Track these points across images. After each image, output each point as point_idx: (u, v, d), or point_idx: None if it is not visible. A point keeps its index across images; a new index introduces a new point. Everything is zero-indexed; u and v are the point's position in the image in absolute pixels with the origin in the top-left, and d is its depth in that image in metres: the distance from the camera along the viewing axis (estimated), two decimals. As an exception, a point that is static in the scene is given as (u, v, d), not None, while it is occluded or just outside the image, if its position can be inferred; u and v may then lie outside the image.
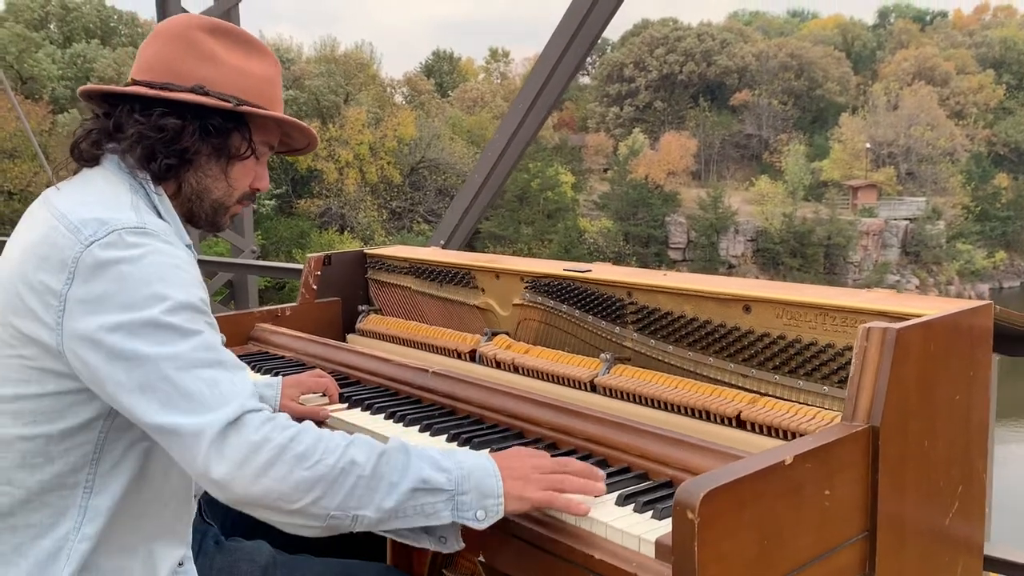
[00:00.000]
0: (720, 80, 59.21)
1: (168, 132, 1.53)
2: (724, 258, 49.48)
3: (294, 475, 1.28)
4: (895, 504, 1.45)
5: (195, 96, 1.56)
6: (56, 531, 1.43)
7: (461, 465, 1.39)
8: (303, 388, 2.05)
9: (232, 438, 1.28)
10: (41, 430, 1.42)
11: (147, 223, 1.43)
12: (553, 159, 50.25)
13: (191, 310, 1.38)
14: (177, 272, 1.40)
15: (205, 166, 1.60)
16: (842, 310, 1.70)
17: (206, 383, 1.32)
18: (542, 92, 3.12)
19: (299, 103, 45.13)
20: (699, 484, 1.16)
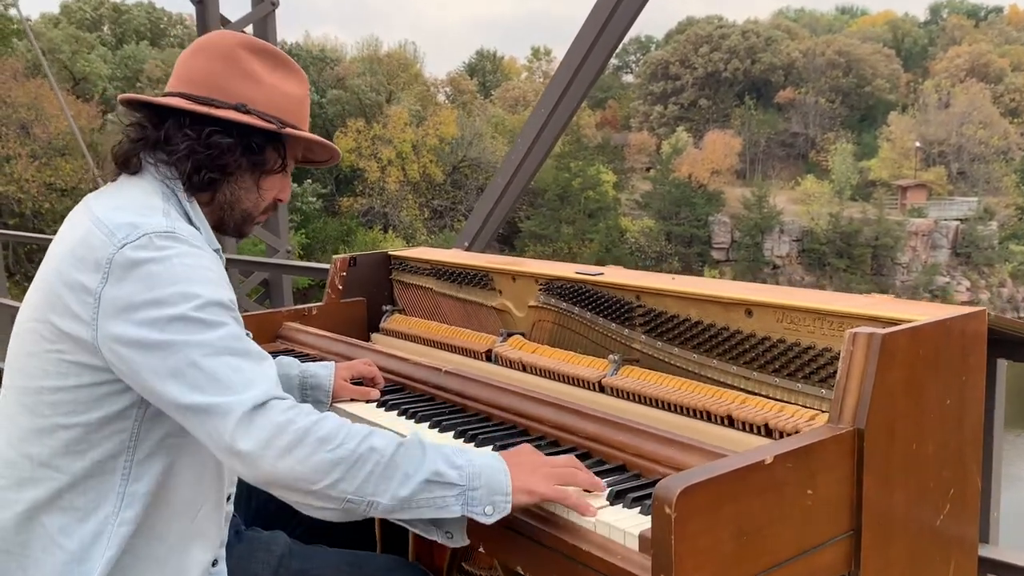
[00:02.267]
0: (765, 78, 58.57)
1: (216, 149, 1.64)
2: (768, 258, 48.94)
3: (316, 456, 1.37)
4: (881, 504, 1.49)
5: (237, 114, 1.66)
6: (98, 514, 1.54)
7: (473, 462, 1.47)
8: (355, 372, 2.19)
9: (259, 418, 1.38)
10: (80, 419, 1.53)
11: (176, 228, 1.53)
12: (595, 158, 50.16)
13: (218, 306, 1.49)
14: (204, 272, 1.51)
15: (240, 179, 1.71)
16: (837, 315, 1.74)
17: (232, 369, 1.43)
18: (565, 95, 3.17)
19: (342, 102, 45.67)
20: (677, 481, 1.22)
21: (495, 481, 1.45)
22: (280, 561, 1.78)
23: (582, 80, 3.16)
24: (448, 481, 1.43)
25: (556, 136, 3.29)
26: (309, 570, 1.79)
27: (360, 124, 43.53)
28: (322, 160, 1.93)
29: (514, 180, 3.38)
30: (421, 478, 1.42)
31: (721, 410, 1.83)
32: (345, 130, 43.37)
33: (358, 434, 1.43)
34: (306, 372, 2.13)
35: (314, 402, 2.09)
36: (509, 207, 3.49)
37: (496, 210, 3.44)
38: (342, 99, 46.07)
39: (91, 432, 1.53)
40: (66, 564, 1.52)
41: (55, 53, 36.43)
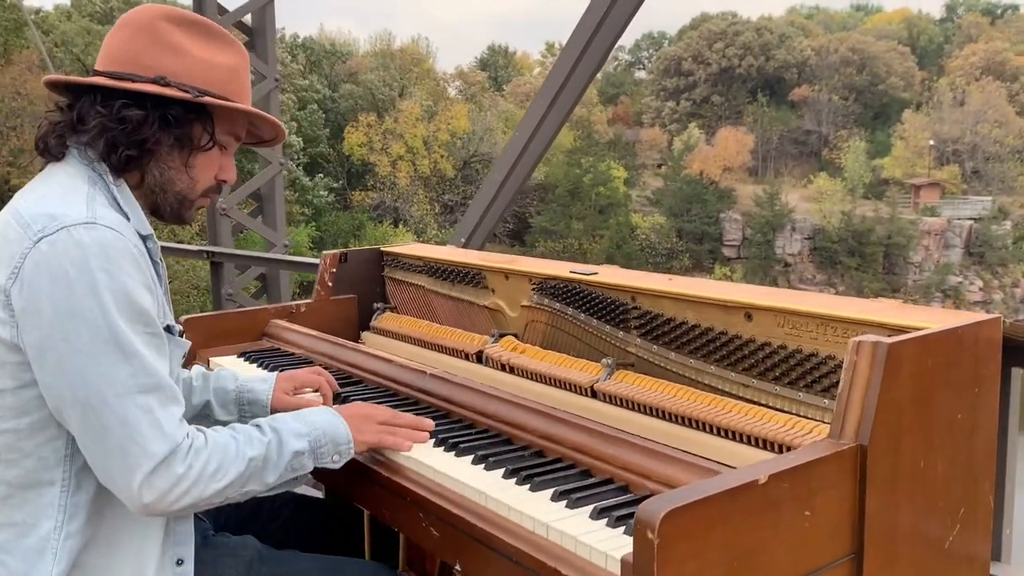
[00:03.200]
0: (779, 75, 58.21)
1: (129, 123, 1.56)
2: (780, 256, 48.67)
3: (209, 490, 1.49)
4: (886, 525, 1.39)
5: (155, 87, 1.57)
6: (38, 530, 1.46)
7: (314, 425, 1.65)
8: (297, 382, 2.06)
9: (163, 473, 1.43)
10: (8, 425, 1.46)
11: (98, 217, 1.45)
12: (606, 154, 49.99)
13: (134, 320, 1.43)
14: (120, 273, 1.42)
15: (167, 158, 1.62)
16: (842, 321, 1.64)
17: (144, 411, 1.42)
18: (563, 89, 3.06)
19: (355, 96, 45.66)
20: (661, 503, 1.12)
21: (337, 434, 1.67)
22: (249, 566, 1.69)
23: (580, 74, 3.05)
24: (301, 451, 1.62)
25: (555, 131, 3.19)
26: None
27: (372, 119, 43.51)
28: (269, 138, 1.85)
29: (511, 175, 3.27)
30: (285, 462, 1.59)
31: (717, 420, 1.73)
32: (356, 124, 43.35)
33: (238, 454, 1.53)
34: (243, 387, 2.02)
35: (251, 417, 1.97)
36: (507, 203, 3.39)
37: (493, 206, 3.34)
38: (354, 93, 46.07)
39: (21, 439, 1.46)
40: None
41: (68, 46, 36.46)
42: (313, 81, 44.70)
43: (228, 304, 4.44)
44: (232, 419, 1.99)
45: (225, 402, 1.99)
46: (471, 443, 1.72)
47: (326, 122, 43.90)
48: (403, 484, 1.65)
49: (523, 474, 1.54)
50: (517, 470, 1.56)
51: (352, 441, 1.68)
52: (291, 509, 2.07)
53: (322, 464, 1.65)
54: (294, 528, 2.05)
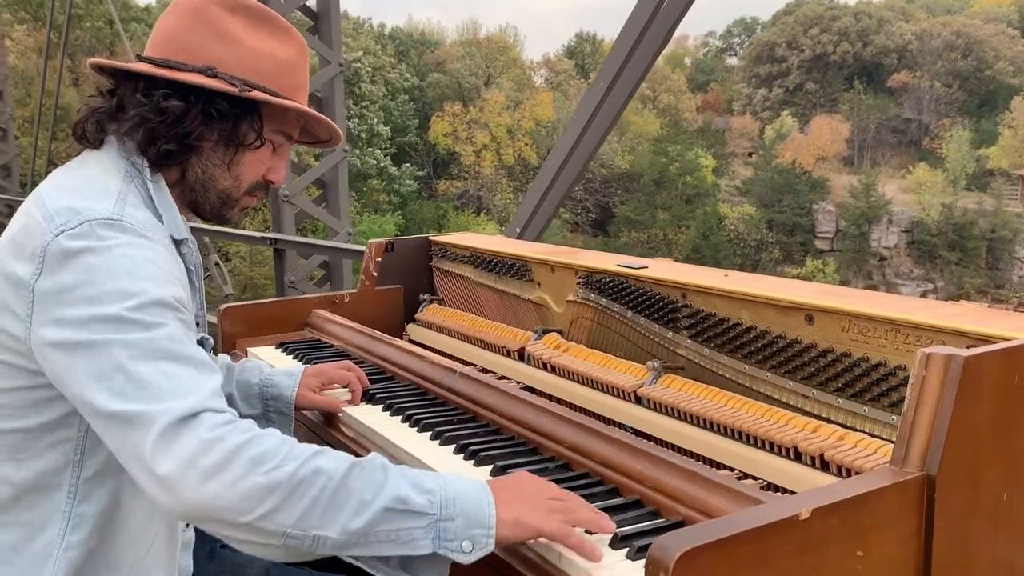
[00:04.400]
0: (877, 61, 55.94)
1: (169, 115, 1.44)
2: (875, 249, 46.87)
3: (247, 480, 1.13)
4: (959, 571, 1.19)
5: (200, 77, 1.44)
6: (44, 534, 1.38)
7: (448, 487, 1.21)
8: (325, 378, 1.93)
9: (184, 434, 1.15)
10: (19, 424, 1.37)
11: (125, 215, 1.33)
12: (694, 142, 48.96)
13: (158, 305, 1.27)
14: (148, 267, 1.30)
15: (211, 154, 1.50)
16: (915, 327, 1.43)
17: (164, 375, 1.20)
18: (620, 74, 2.87)
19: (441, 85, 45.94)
20: (678, 539, 0.96)
21: (475, 511, 1.19)
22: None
23: (640, 57, 2.84)
24: (415, 510, 1.17)
25: (613, 118, 3.00)
26: None
27: (457, 108, 43.70)
28: (325, 139, 1.70)
29: (568, 164, 3.09)
30: (380, 505, 1.16)
31: (770, 434, 1.54)
32: (442, 114, 43.62)
33: (302, 454, 1.18)
34: (267, 380, 1.89)
35: (275, 413, 1.88)
36: (563, 192, 3.21)
37: (549, 195, 3.17)
38: (441, 83, 46.34)
39: (32, 439, 1.36)
40: None
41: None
42: (402, 70, 45.16)
43: (291, 292, 4.41)
44: (255, 413, 1.90)
45: (248, 396, 1.90)
46: (494, 451, 1.58)
47: (415, 111, 44.32)
48: (415, 495, 1.52)
49: (543, 490, 1.38)
50: (536, 485, 1.40)
51: (495, 526, 1.19)
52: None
53: (446, 549, 1.18)
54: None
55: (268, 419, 1.88)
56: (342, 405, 1.89)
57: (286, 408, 1.87)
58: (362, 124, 37.44)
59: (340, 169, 4.62)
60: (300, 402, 1.87)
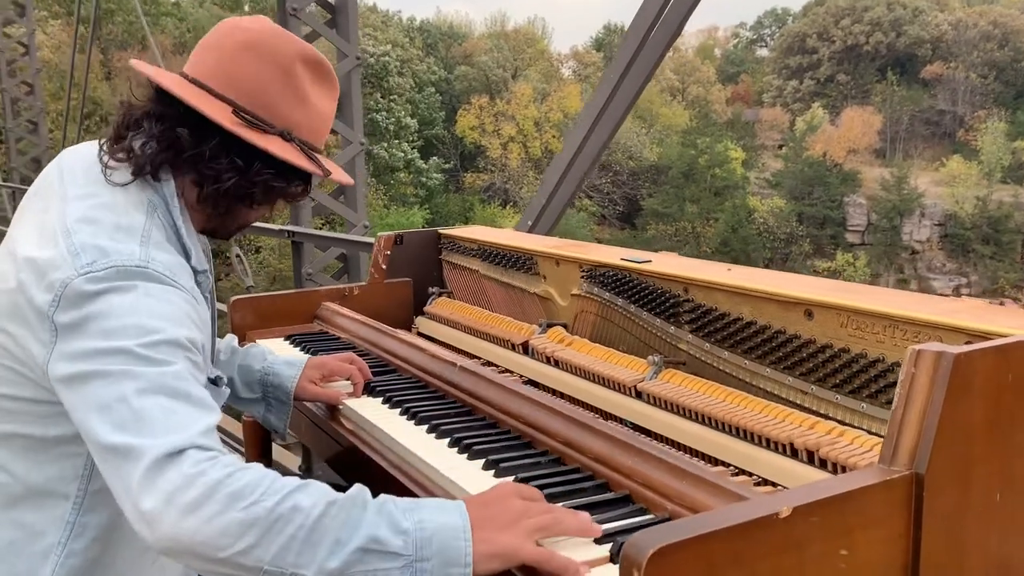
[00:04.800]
0: (911, 51, 55.07)
1: (259, 186, 1.46)
2: (907, 243, 46.24)
3: (225, 515, 1.13)
4: (948, 573, 1.17)
5: (285, 145, 1.45)
6: (45, 539, 1.40)
7: (424, 525, 1.18)
8: (327, 371, 1.95)
9: (168, 469, 1.15)
10: (35, 431, 1.39)
11: (151, 262, 1.32)
12: (723, 134, 48.55)
13: (171, 345, 1.27)
14: (167, 308, 1.30)
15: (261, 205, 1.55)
16: (912, 323, 1.41)
17: (163, 410, 1.21)
18: (632, 64, 2.84)
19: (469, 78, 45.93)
20: (651, 536, 0.95)
21: (450, 549, 1.17)
22: None
23: (651, 49, 2.81)
24: (390, 551, 1.15)
25: (626, 109, 2.97)
26: None
27: (484, 100, 43.68)
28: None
29: (579, 156, 3.08)
30: (355, 545, 1.15)
31: (768, 430, 1.53)
32: (469, 107, 43.62)
33: (281, 489, 1.16)
34: (268, 368, 1.90)
35: (275, 400, 1.89)
36: (576, 185, 3.19)
37: (561, 188, 3.14)
38: (468, 75, 46.34)
39: (48, 446, 1.39)
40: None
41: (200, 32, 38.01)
42: (430, 63, 45.21)
43: (308, 284, 4.44)
44: (255, 398, 1.91)
45: (250, 381, 1.91)
46: (487, 445, 1.58)
47: (442, 104, 44.36)
48: (406, 485, 1.52)
49: (532, 485, 1.38)
50: (527, 480, 1.40)
51: (471, 565, 1.17)
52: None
53: None
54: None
55: (268, 404, 1.90)
56: (343, 397, 1.89)
57: (285, 397, 1.88)
58: (390, 117, 37.55)
59: (357, 163, 4.63)
60: (300, 393, 1.88)
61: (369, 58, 36.78)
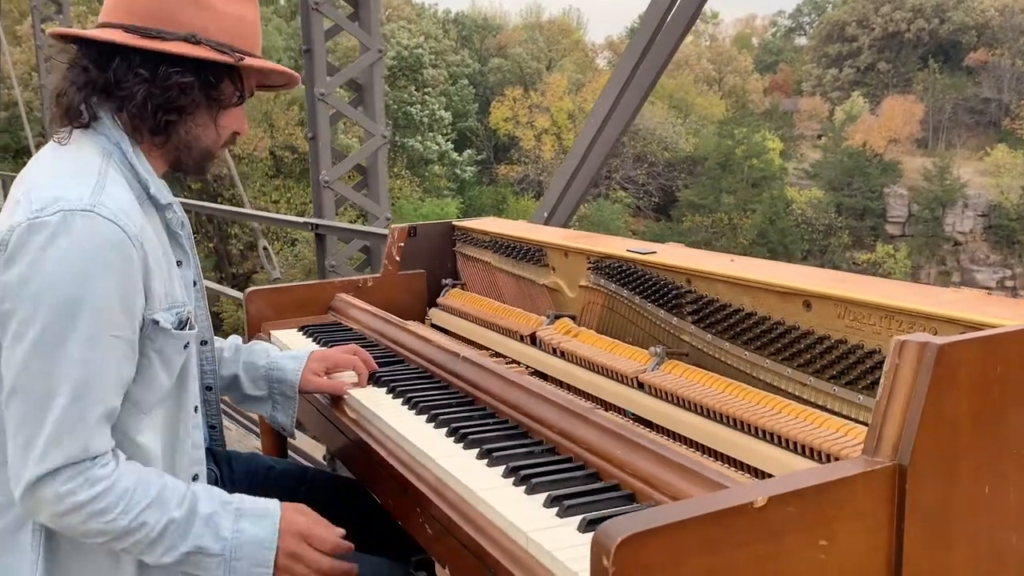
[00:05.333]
0: (954, 38, 53.91)
1: (174, 90, 1.51)
2: (949, 234, 45.37)
3: (88, 525, 1.40)
4: (933, 565, 1.16)
5: (194, 48, 1.51)
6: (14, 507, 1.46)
7: (241, 535, 1.50)
8: (330, 363, 1.97)
9: (43, 487, 1.37)
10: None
11: (98, 204, 1.39)
12: (761, 124, 47.95)
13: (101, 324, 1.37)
14: (101, 275, 1.37)
15: (197, 116, 1.58)
16: (909, 313, 1.40)
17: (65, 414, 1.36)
18: (648, 51, 2.81)
19: (503, 70, 45.88)
20: (622, 523, 0.96)
21: (258, 556, 1.51)
22: None
23: (668, 34, 2.79)
24: (210, 553, 1.48)
25: (643, 97, 2.95)
26: None
27: (518, 92, 43.62)
28: (280, 84, 1.76)
29: (594, 146, 3.06)
30: (184, 550, 1.46)
31: (765, 422, 1.52)
32: (503, 98, 43.58)
33: (135, 507, 1.42)
34: (273, 364, 1.94)
35: (280, 395, 1.93)
36: (592, 174, 3.17)
37: (576, 179, 3.14)
38: (503, 67, 46.29)
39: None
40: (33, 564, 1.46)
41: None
42: (464, 56, 45.23)
43: (331, 275, 4.48)
44: (262, 394, 1.95)
45: (255, 377, 1.95)
46: (483, 434, 1.59)
47: (475, 96, 44.38)
48: (403, 474, 1.55)
49: (522, 474, 1.40)
50: (517, 468, 1.42)
51: (272, 565, 1.52)
52: (326, 494, 2.00)
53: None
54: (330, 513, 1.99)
55: (274, 402, 1.93)
56: (347, 388, 1.92)
57: (290, 391, 1.91)
58: (424, 110, 37.66)
59: (379, 155, 4.67)
60: (304, 386, 1.91)
61: (403, 51, 36.91)
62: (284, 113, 33.70)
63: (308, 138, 4.65)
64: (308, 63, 4.65)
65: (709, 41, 62.80)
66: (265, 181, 33.51)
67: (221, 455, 1.95)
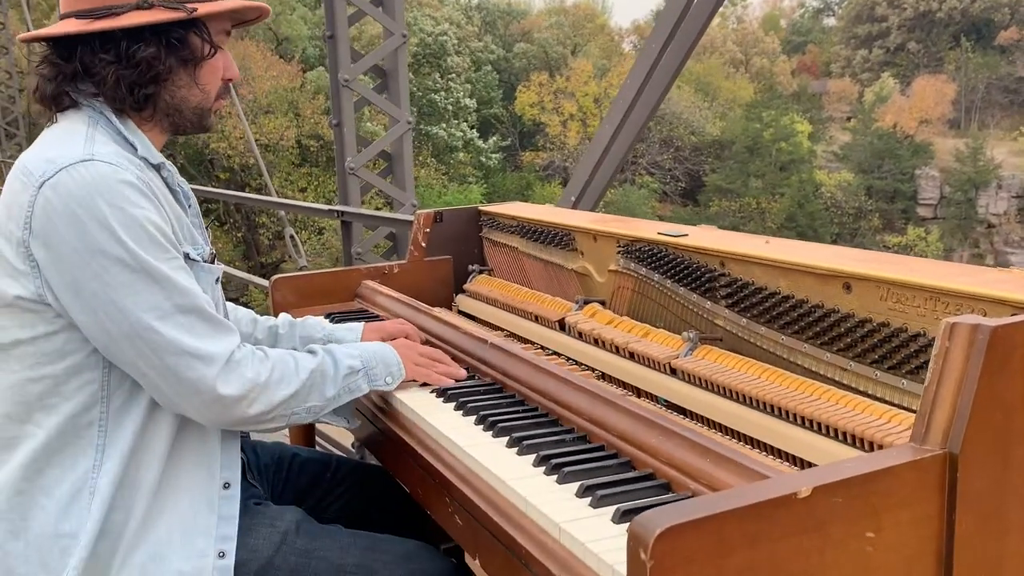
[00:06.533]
0: (987, 16, 52.83)
1: (143, 63, 1.51)
2: (983, 216, 44.60)
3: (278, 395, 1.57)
4: (986, 556, 1.11)
5: (146, 14, 1.50)
6: (75, 471, 1.47)
7: (365, 348, 1.76)
8: (384, 334, 2.02)
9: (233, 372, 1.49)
10: (46, 371, 1.47)
11: (95, 154, 1.43)
12: (789, 107, 47.34)
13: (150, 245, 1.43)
14: (125, 203, 1.41)
15: (175, 79, 1.57)
16: (956, 295, 1.34)
17: (186, 329, 1.45)
18: (675, 32, 2.75)
19: (528, 56, 45.65)
20: (661, 515, 0.92)
21: (387, 358, 1.76)
22: (284, 537, 1.61)
23: (698, 11, 2.72)
24: (355, 368, 1.69)
25: (670, 80, 2.89)
26: (315, 550, 1.61)
27: (543, 78, 43.38)
28: (252, 19, 1.74)
29: (622, 128, 3.00)
30: (341, 376, 1.66)
31: (804, 409, 1.47)
32: (528, 84, 43.38)
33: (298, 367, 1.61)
34: (330, 335, 2.01)
35: None
36: (620, 159, 3.11)
37: (604, 163, 3.08)
38: (528, 53, 46.06)
39: (60, 384, 1.47)
40: (49, 524, 1.46)
41: (261, 16, 38.43)
42: (488, 42, 45.04)
43: (357, 262, 4.47)
44: None
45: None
46: (513, 422, 1.56)
47: (500, 83, 44.20)
48: (431, 462, 1.52)
49: (553, 463, 1.36)
50: (548, 457, 1.38)
51: (402, 364, 1.76)
52: (352, 481, 1.99)
53: (376, 385, 1.72)
54: (355, 500, 1.97)
55: None
56: None
57: None
58: (448, 97, 37.57)
59: (404, 141, 4.63)
60: None
61: (427, 37, 36.82)
62: (310, 102, 33.78)
63: (333, 125, 4.63)
64: (332, 49, 4.61)
65: (736, 23, 62.01)
66: (291, 170, 33.66)
67: (246, 442, 1.94)
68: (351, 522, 1.77)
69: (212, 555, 1.50)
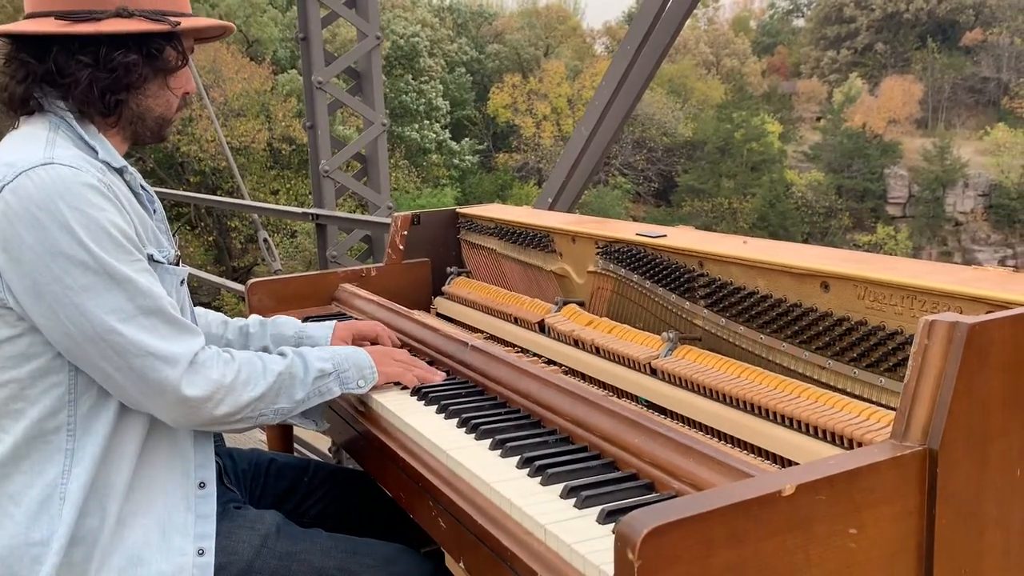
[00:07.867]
0: (952, 18, 53.61)
1: (120, 69, 1.51)
2: (950, 215, 45.24)
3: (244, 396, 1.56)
4: (966, 551, 1.12)
5: (126, 22, 1.50)
6: (44, 477, 1.45)
7: (337, 352, 1.75)
8: (355, 332, 2.02)
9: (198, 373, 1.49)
10: (11, 375, 1.45)
11: (55, 157, 1.42)
12: (760, 108, 47.73)
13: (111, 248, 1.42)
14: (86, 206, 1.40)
15: (146, 88, 1.58)
16: (932, 293, 1.36)
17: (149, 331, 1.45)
18: (650, 35, 2.76)
19: (500, 57, 45.67)
20: (647, 515, 0.92)
21: (360, 361, 1.76)
22: (264, 541, 1.60)
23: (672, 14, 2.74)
24: (326, 372, 1.68)
25: (645, 81, 2.90)
26: (296, 553, 1.60)
27: (516, 79, 43.42)
28: (216, 36, 1.75)
29: (598, 130, 3.01)
30: (311, 379, 1.65)
31: (783, 407, 1.49)
32: (501, 85, 43.39)
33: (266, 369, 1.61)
34: (303, 334, 2.00)
35: None
36: (596, 160, 3.12)
37: (580, 164, 3.09)
38: (500, 54, 46.09)
39: (25, 388, 1.45)
40: (19, 533, 1.44)
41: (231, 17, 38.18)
42: (461, 44, 45.00)
43: (333, 266, 4.45)
44: None
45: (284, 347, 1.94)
46: (495, 424, 1.56)
47: (472, 84, 44.17)
48: (414, 466, 1.51)
49: (537, 464, 1.36)
50: (532, 459, 1.38)
51: (375, 367, 1.76)
52: (330, 485, 1.97)
53: (348, 388, 1.72)
54: (334, 504, 1.96)
55: None
56: None
57: None
58: (421, 98, 37.48)
59: (379, 143, 4.61)
60: None
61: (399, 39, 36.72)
62: (281, 105, 33.53)
63: (307, 127, 4.60)
64: (305, 51, 4.58)
65: (707, 24, 62.45)
66: (263, 173, 33.41)
67: (222, 448, 1.92)
68: (330, 526, 1.76)
69: (191, 553, 1.49)
